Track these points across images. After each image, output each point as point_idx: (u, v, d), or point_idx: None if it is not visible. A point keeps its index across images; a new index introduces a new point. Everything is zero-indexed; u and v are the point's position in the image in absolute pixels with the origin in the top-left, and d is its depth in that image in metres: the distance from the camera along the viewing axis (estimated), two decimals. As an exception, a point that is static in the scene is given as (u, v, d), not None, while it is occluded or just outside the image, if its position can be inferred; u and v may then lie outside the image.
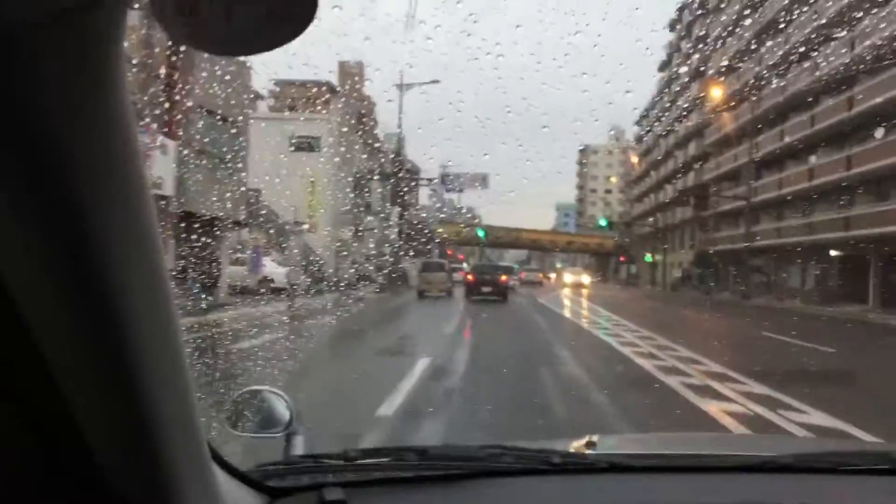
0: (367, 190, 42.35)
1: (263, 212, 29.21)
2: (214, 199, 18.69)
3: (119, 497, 0.83)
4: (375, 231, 43.41)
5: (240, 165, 21.73)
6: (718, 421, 7.04)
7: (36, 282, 0.70)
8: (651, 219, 70.25)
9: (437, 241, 73.09)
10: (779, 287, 39.71)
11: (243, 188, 25.86)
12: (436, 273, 32.14)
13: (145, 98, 15.16)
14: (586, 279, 55.26)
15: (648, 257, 74.36)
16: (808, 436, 6.02)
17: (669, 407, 7.79)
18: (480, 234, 75.47)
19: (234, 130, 20.76)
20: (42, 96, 0.61)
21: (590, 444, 1.66)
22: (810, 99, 34.22)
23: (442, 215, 75.28)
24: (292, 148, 34.78)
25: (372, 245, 41.80)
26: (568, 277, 56.96)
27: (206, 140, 18.98)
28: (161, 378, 0.81)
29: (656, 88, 69.30)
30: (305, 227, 31.40)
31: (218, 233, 19.88)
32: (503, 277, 30.80)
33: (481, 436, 5.78)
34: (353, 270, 33.70)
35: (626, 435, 4.93)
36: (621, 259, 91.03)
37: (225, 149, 20.37)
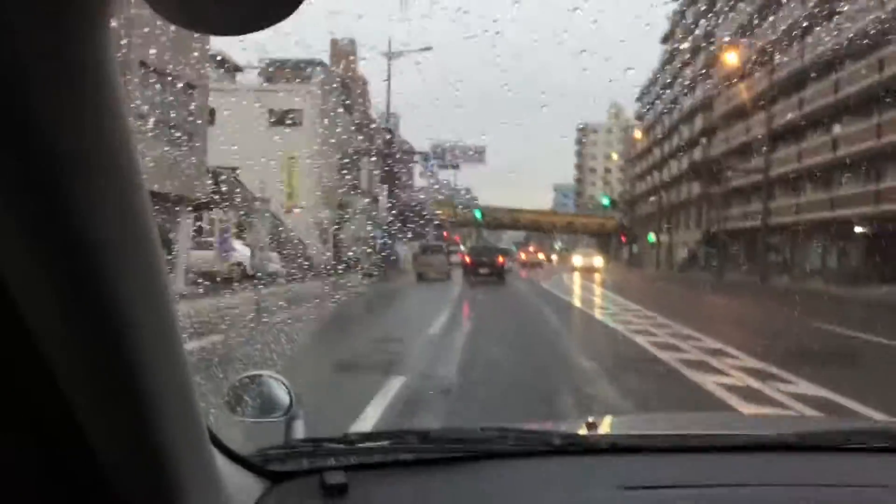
0: (356, 168, 39.57)
1: (238, 191, 26.60)
2: (165, 173, 15.92)
3: (120, 485, 0.84)
4: (365, 212, 40.73)
5: (198, 141, 18.91)
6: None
7: (35, 281, 0.71)
8: (654, 197, 67.50)
9: (433, 222, 70.61)
10: (796, 267, 37.13)
11: (209, 164, 23.14)
12: (434, 256, 32.27)
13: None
14: (599, 262, 47.41)
15: (651, 237, 71.70)
16: (814, 414, 5.87)
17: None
18: (477, 214, 72.86)
19: (191, 96, 17.90)
20: (37, 96, 0.61)
21: (591, 425, 1.63)
22: (835, 62, 31.48)
23: (438, 196, 72.80)
24: (272, 122, 32.00)
25: (362, 227, 39.10)
26: (577, 260, 49.06)
27: (153, 105, 16.18)
28: (160, 366, 0.82)
29: (658, 62, 66.50)
30: (277, 205, 28.63)
31: (170, 214, 17.14)
32: (500, 259, 31.03)
33: (483, 418, 5.66)
34: (339, 254, 31.00)
35: (629, 415, 4.68)
36: (622, 239, 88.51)
37: (178, 116, 17.58)
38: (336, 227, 32.18)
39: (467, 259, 31.74)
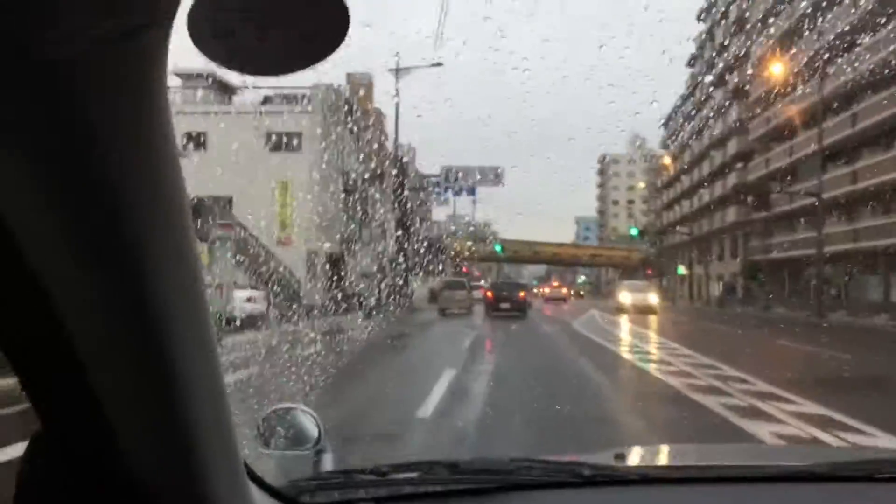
0: (363, 198, 36.44)
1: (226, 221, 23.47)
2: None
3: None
4: (373, 246, 37.47)
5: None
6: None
7: (80, 290, 0.73)
8: (685, 227, 63.76)
9: (449, 257, 67.47)
10: (852, 301, 33.23)
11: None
12: (457, 291, 32.97)
13: None
14: (654, 299, 36.57)
15: (680, 270, 67.85)
16: (843, 445, 5.63)
17: None
18: (497, 248, 69.64)
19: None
20: (92, 119, 0.64)
21: (619, 457, 1.65)
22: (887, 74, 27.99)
23: (455, 229, 69.75)
24: (269, 146, 29.01)
25: (370, 262, 35.79)
26: (625, 297, 37.01)
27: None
28: (199, 391, 0.82)
29: (685, 86, 63.38)
30: (268, 237, 25.47)
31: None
32: (521, 294, 31.82)
33: (512, 449, 5.72)
34: (341, 291, 27.68)
35: (657, 446, 4.07)
36: (648, 272, 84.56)
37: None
38: (337, 261, 28.90)
39: (489, 294, 32.16)
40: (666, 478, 1.55)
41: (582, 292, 56.71)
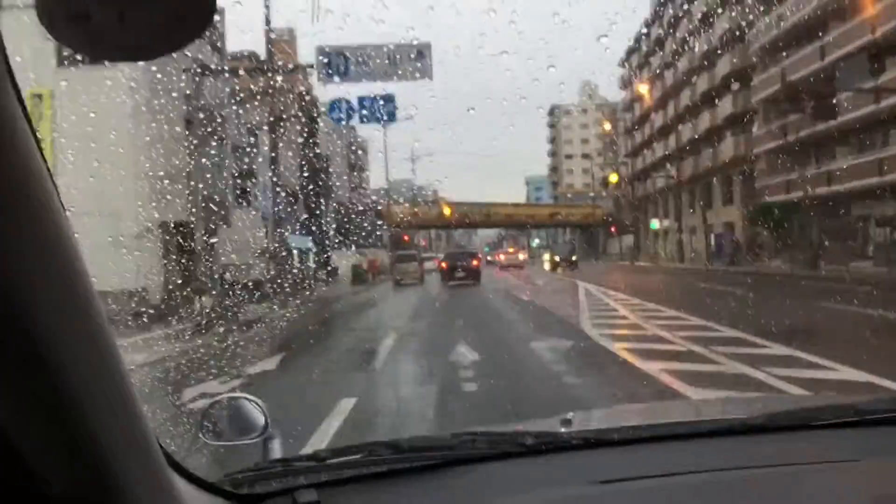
0: (248, 149, 26.00)
1: None
2: None
3: None
4: (262, 217, 27.26)
5: None
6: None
7: None
8: (659, 173, 54.78)
9: (387, 225, 57.63)
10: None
11: None
12: (409, 263, 34.89)
13: None
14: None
15: (654, 224, 59.10)
16: (779, 395, 5.79)
17: None
18: (445, 212, 59.99)
19: None
20: None
21: (564, 422, 1.64)
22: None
23: (388, 192, 60.03)
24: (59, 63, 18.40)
25: (257, 239, 25.61)
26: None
27: None
28: (98, 392, 0.79)
29: (651, 7, 53.99)
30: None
31: None
32: (475, 262, 32.23)
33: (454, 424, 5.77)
34: (183, 285, 17.46)
35: (599, 410, 4.30)
36: (612, 231, 76.00)
37: None
38: (192, 236, 18.61)
39: (443, 265, 33.04)
40: (610, 440, 1.54)
41: (574, 258, 44.25)
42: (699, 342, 9.99)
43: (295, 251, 30.78)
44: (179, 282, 17.35)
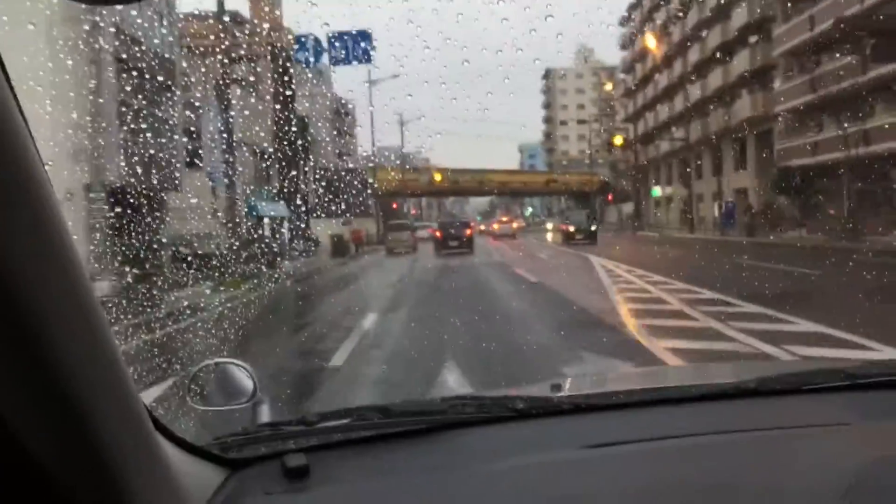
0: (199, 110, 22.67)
1: None
2: None
3: (62, 486, 0.80)
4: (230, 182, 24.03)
5: None
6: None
7: None
8: (658, 138, 51.54)
9: (373, 192, 54.43)
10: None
11: None
12: (402, 233, 35.33)
13: None
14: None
15: (656, 191, 56.13)
16: (771, 361, 5.58)
17: None
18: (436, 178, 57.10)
19: None
20: None
21: (554, 387, 1.64)
22: None
23: (374, 153, 56.81)
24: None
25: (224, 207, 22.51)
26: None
27: None
28: (85, 359, 0.79)
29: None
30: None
31: None
32: (468, 231, 32.21)
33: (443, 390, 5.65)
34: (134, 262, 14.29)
35: (589, 375, 4.38)
36: (609, 199, 72.94)
37: None
38: (134, 206, 15.46)
39: (438, 234, 33.16)
40: (598, 405, 1.53)
41: (594, 229, 35.35)
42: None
43: (267, 220, 27.63)
44: (108, 256, 14.18)
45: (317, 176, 43.32)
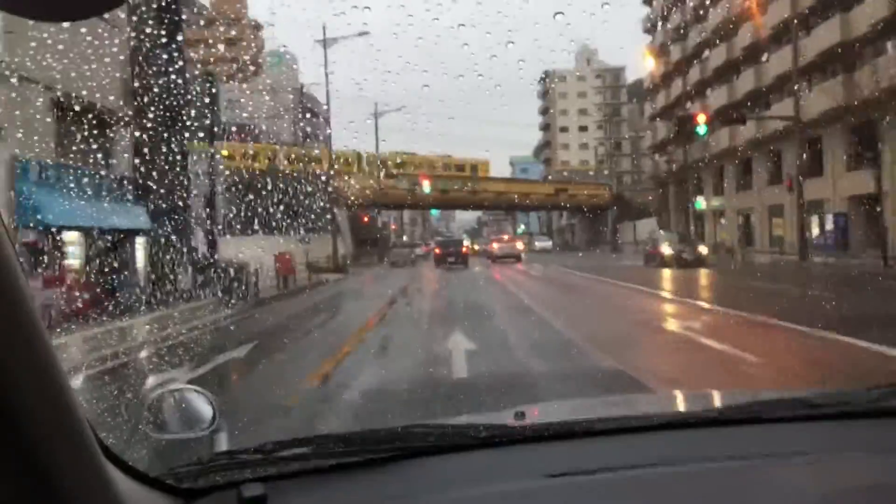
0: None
1: None
2: None
3: None
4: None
5: None
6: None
7: None
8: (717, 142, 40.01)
9: (342, 202, 42.56)
10: None
11: None
12: (403, 250, 45.17)
13: None
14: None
15: (700, 203, 44.55)
16: (736, 390, 5.51)
17: None
18: (425, 190, 45.96)
19: None
20: None
21: (518, 415, 1.61)
22: None
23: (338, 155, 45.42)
24: None
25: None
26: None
27: None
28: (29, 387, 0.76)
29: None
30: None
31: None
32: (463, 249, 36.96)
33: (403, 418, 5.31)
34: None
35: (552, 403, 4.26)
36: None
37: None
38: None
39: (437, 251, 37.85)
40: (560, 433, 1.52)
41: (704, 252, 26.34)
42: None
43: (77, 235, 14.92)
44: None
45: (249, 184, 31.67)
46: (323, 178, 41.76)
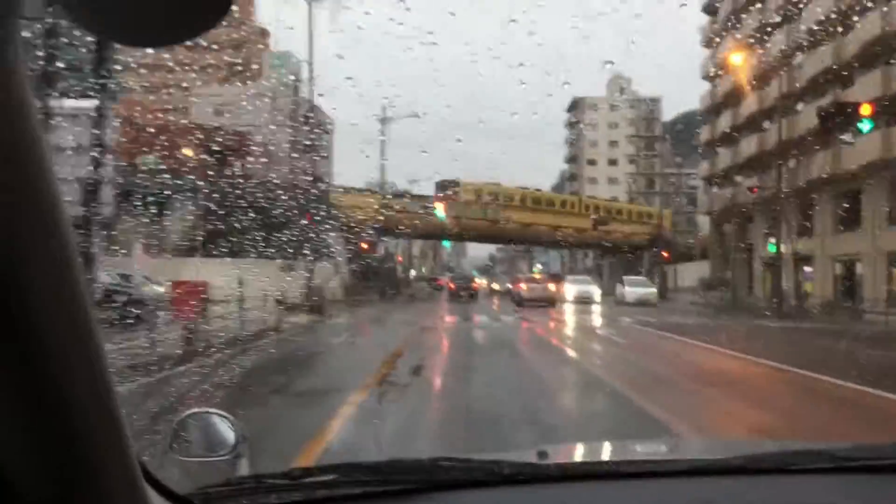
0: None
1: None
2: None
3: None
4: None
5: None
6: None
7: None
8: (752, 174, 32.15)
9: (339, 226, 35.25)
10: None
11: None
12: (421, 283, 51.05)
13: None
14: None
15: (773, 246, 36.55)
16: (761, 440, 5.58)
17: None
18: (439, 216, 43.08)
19: None
20: None
21: (542, 454, 1.60)
22: None
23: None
24: None
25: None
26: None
27: None
28: (81, 395, 0.76)
29: None
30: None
31: None
32: (474, 285, 43.77)
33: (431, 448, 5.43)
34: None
35: (578, 443, 3.83)
36: (665, 256, 53.67)
37: None
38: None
39: (451, 286, 42.92)
40: (586, 474, 1.53)
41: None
42: None
43: None
44: None
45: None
46: (316, 192, 34.21)
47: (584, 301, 35.01)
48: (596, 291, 37.25)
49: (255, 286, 22.77)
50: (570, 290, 37.50)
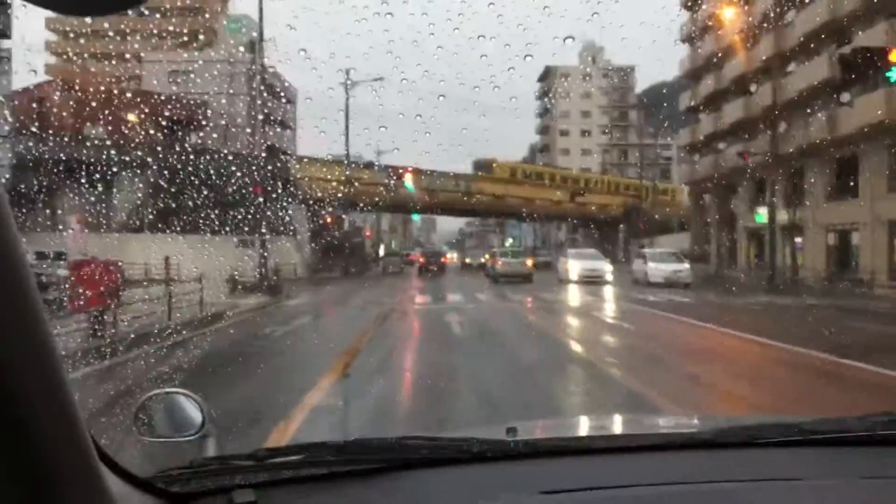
0: None
1: None
2: None
3: None
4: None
5: None
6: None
7: None
8: (739, 137, 30.36)
9: (301, 200, 33.01)
10: None
11: None
12: (393, 258, 48.30)
13: None
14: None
15: (760, 216, 34.95)
16: (730, 415, 5.58)
17: None
18: (408, 188, 40.93)
19: None
20: None
21: (511, 431, 1.57)
22: None
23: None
24: None
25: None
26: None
27: None
28: (27, 376, 0.76)
29: None
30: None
31: None
32: (443, 259, 45.40)
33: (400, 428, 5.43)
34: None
35: (547, 420, 4.19)
36: (641, 228, 52.10)
37: None
38: None
39: (421, 259, 43.70)
40: (555, 450, 1.51)
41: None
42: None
43: None
44: None
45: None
46: (277, 165, 31.63)
47: (592, 281, 28.71)
48: (607, 268, 30.06)
49: (210, 265, 20.37)
50: (573, 266, 29.96)
